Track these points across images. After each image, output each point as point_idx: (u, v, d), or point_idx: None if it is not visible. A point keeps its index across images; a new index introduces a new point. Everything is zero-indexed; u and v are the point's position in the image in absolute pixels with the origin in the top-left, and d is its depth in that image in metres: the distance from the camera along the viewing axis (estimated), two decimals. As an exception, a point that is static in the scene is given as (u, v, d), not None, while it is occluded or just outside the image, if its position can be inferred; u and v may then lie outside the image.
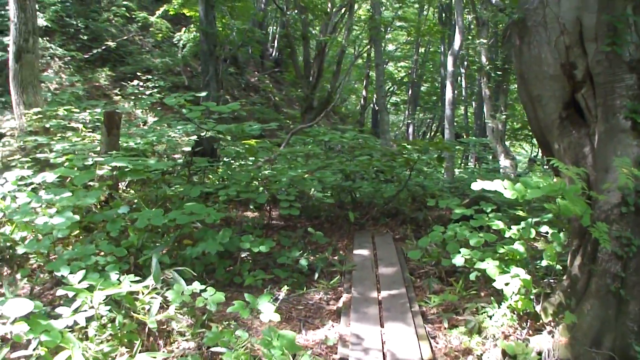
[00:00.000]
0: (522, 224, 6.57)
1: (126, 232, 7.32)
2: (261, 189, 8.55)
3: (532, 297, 5.64)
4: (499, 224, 6.60)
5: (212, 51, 15.93)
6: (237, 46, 18.87)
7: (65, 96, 14.88)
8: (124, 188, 10.48)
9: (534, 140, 31.90)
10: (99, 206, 8.36)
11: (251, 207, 9.88)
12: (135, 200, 8.81)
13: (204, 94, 8.00)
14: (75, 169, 8.07)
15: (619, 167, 5.07)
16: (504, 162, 21.34)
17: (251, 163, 11.41)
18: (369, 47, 27.51)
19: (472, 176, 15.79)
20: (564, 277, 5.84)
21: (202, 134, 9.66)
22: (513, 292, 5.46)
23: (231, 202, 10.04)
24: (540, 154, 31.46)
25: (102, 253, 6.46)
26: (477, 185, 5.18)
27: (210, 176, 10.60)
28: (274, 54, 33.19)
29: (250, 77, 29.26)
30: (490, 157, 23.90)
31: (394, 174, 10.77)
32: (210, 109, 7.56)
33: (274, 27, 33.45)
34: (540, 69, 6.40)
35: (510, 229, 6.54)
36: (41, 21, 17.26)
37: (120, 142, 10.20)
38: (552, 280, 6.29)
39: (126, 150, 10.60)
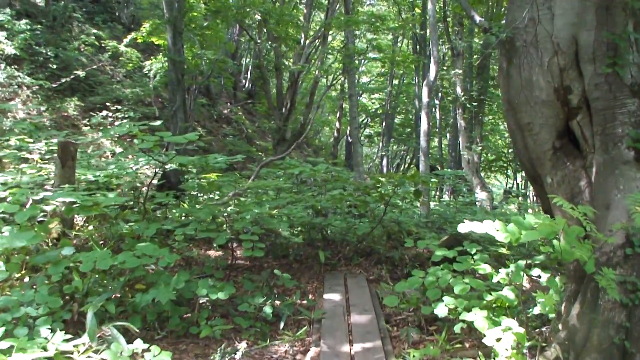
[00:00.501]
0: (512, 267, 5.75)
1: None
2: (225, 227, 7.68)
3: (525, 350, 4.83)
4: (485, 268, 5.78)
5: (180, 80, 15.15)
6: (208, 76, 18.05)
7: (25, 125, 14.00)
8: (83, 224, 9.60)
9: (509, 172, 31.65)
10: (50, 245, 7.50)
11: (215, 245, 8.98)
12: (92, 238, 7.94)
13: (158, 122, 7.13)
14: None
15: (631, 205, 4.31)
16: (480, 194, 20.72)
17: (219, 197, 10.60)
18: (342, 78, 26.93)
19: (448, 209, 15.08)
20: (560, 327, 5.05)
21: (167, 167, 8.82)
22: (505, 349, 4.64)
23: (193, 240, 9.18)
24: (515, 186, 31.10)
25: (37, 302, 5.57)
26: (466, 227, 4.38)
27: (174, 211, 9.70)
28: (247, 86, 32.62)
29: (222, 109, 28.64)
30: (466, 189, 23.25)
31: (368, 209, 9.94)
32: (165, 139, 6.73)
33: (247, 59, 32.85)
34: (531, 94, 5.66)
35: (498, 272, 5.72)
36: (9, 49, 16.97)
37: (78, 174, 9.56)
38: (546, 330, 5.51)
39: (85, 183, 9.94)
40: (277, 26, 18.55)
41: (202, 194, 11.42)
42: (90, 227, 9.29)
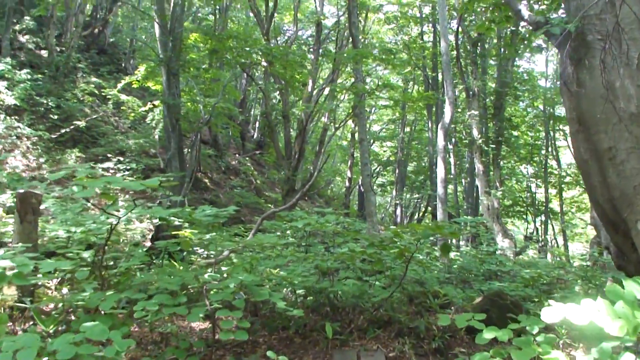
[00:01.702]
0: (594, 351, 3.80)
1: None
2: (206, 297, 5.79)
3: None
4: (559, 358, 3.84)
5: (174, 125, 13.56)
6: (207, 121, 16.38)
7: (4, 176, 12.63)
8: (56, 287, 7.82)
9: (528, 217, 29.68)
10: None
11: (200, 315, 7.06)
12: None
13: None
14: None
15: None
16: (501, 241, 18.82)
17: (214, 255, 8.77)
18: (352, 125, 25.45)
19: (471, 260, 13.16)
20: None
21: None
22: None
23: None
24: (535, 231, 29.05)
25: None
26: (554, 314, 2.51)
27: (141, 276, 7.80)
28: (255, 136, 31.60)
29: (230, 160, 27.70)
30: (484, 237, 21.33)
31: (385, 267, 7.99)
32: (113, 184, 4.97)
33: (256, 110, 31.69)
34: (614, 107, 3.80)
35: (578, 364, 3.79)
36: (10, 99, 16.41)
37: (48, 230, 8.32)
38: None
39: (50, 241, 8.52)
40: (283, 69, 17.01)
41: (192, 254, 9.59)
42: (55, 294, 7.48)
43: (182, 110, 15.25)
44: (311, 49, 22.25)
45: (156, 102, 17.47)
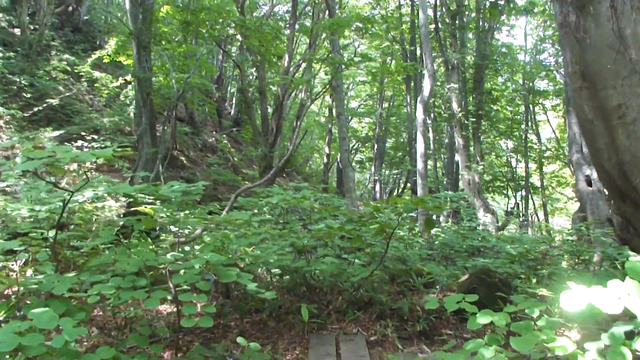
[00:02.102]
0: (604, 337, 3.29)
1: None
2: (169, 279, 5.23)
3: None
4: (566, 347, 3.33)
5: (145, 100, 12.91)
6: (179, 95, 15.69)
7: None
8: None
9: (509, 193, 29.36)
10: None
11: (169, 298, 6.48)
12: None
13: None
14: None
15: None
16: (483, 216, 18.44)
17: (189, 234, 8.25)
18: (329, 97, 24.84)
19: (453, 236, 12.70)
20: None
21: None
22: None
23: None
24: (515, 206, 28.73)
25: None
26: (576, 299, 1.99)
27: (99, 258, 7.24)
28: (232, 113, 31.05)
29: (207, 137, 26.82)
30: (465, 212, 20.94)
31: (365, 244, 7.43)
32: (61, 155, 4.39)
33: (233, 86, 31.07)
34: (624, 59, 3.27)
35: (586, 350, 3.28)
36: None
37: (11, 209, 7.92)
38: None
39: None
40: (258, 42, 16.34)
41: (163, 233, 9.02)
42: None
43: (154, 85, 14.63)
44: (287, 24, 21.63)
45: (128, 78, 16.79)
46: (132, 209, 6.42)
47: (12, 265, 7.01)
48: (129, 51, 15.31)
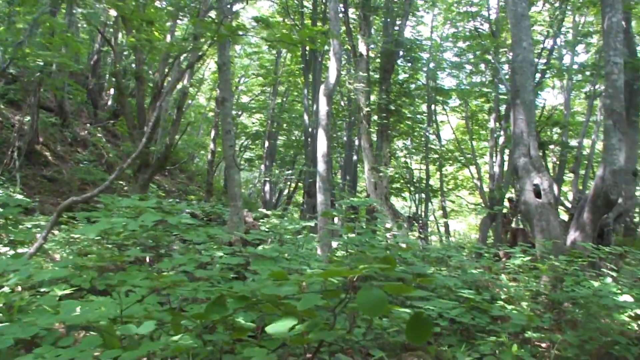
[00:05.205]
0: None
1: None
2: None
3: None
4: None
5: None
6: (4, 67, 11.31)
7: None
8: None
9: (406, 195, 26.69)
10: None
11: None
12: None
13: None
14: None
15: None
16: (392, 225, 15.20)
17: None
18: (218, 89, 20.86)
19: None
20: None
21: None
22: None
23: None
24: (418, 211, 25.96)
25: None
26: None
27: None
28: (110, 103, 26.89)
29: (79, 130, 22.63)
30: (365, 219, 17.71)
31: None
32: None
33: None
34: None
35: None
36: None
37: None
38: None
39: None
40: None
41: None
42: None
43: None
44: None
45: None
46: None
47: None
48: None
